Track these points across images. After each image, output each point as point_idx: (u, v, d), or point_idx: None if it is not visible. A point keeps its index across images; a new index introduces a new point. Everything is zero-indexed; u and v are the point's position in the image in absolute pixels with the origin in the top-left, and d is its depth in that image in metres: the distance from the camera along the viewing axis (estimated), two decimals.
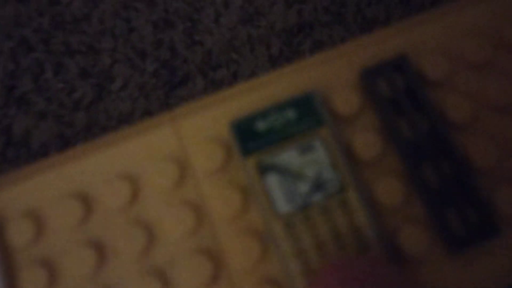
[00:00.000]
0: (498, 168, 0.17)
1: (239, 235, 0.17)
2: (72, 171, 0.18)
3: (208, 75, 0.22)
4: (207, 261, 0.17)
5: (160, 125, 0.18)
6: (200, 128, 0.18)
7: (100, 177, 0.18)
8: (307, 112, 0.18)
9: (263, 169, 0.17)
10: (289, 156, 0.17)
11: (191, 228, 0.17)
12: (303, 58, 0.22)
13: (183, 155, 0.18)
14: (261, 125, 0.18)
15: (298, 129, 0.18)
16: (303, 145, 0.17)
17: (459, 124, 0.18)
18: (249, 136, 0.17)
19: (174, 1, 0.23)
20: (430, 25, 0.20)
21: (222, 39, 0.22)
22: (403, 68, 0.18)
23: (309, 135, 0.17)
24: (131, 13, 0.23)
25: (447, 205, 0.17)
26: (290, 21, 0.22)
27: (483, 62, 0.19)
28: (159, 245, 0.17)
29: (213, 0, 0.24)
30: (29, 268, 0.17)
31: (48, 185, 0.18)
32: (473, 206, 0.17)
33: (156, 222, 0.17)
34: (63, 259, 0.17)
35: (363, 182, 0.17)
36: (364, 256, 0.16)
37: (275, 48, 0.22)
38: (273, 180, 0.17)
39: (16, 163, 0.20)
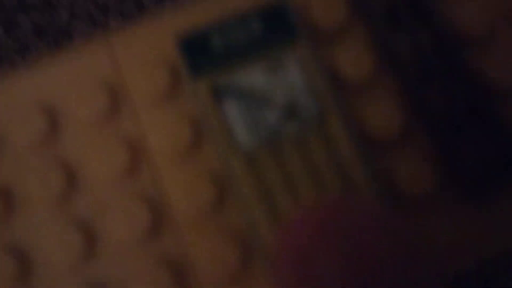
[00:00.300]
0: None
1: (187, 177, 0.13)
2: None
3: None
4: (144, 210, 0.13)
5: (92, 48, 0.15)
6: (140, 47, 0.14)
7: (15, 109, 0.14)
8: (277, 24, 0.14)
9: (219, 94, 0.13)
10: (253, 78, 0.13)
11: (125, 169, 0.13)
12: None
13: (118, 81, 0.14)
14: (217, 41, 0.14)
15: (265, 44, 0.14)
16: (272, 63, 0.13)
17: (472, 38, 0.14)
18: (201, 54, 0.13)
19: None
20: None
21: None
22: None
23: (280, 52, 0.13)
24: None
25: (458, 135, 0.13)
26: None
27: None
28: (83, 190, 0.13)
29: None
30: None
31: None
32: (491, 136, 0.13)
33: (80, 163, 0.13)
34: None
35: (349, 108, 0.13)
36: (351, 198, 0.12)
37: None
38: (232, 108, 0.13)
39: None
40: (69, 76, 0.14)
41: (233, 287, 0.13)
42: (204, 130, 0.14)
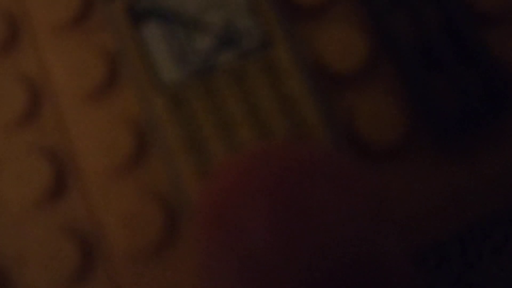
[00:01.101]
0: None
1: (98, 123, 0.10)
2: None
3: None
4: (44, 165, 0.10)
5: None
6: None
7: None
8: None
9: (138, 16, 0.10)
10: None
11: (22, 114, 0.10)
12: None
13: (15, 6, 0.11)
14: None
15: None
16: None
17: None
18: None
19: None
20: None
21: None
22: None
23: None
24: None
25: (431, 69, 0.11)
26: None
27: None
28: None
29: None
30: None
31: None
32: (470, 70, 0.11)
33: None
34: None
35: (300, 34, 0.11)
36: (296, 142, 0.09)
37: None
38: (154, 33, 0.10)
39: None
40: None
41: (155, 261, 0.10)
42: (120, 64, 0.11)
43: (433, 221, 0.10)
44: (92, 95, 0.11)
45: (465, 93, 0.10)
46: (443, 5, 0.11)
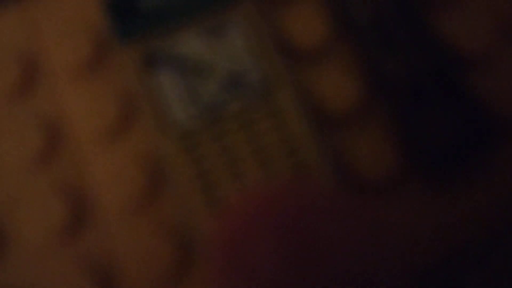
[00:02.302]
0: (494, 55, 0.12)
1: (114, 162, 0.11)
2: None
3: None
4: (63, 202, 0.11)
5: (6, 13, 0.12)
6: (59, 12, 0.12)
7: None
8: None
9: (152, 63, 0.11)
10: (190, 43, 0.11)
11: (40, 154, 0.11)
12: None
13: (33, 50, 0.12)
14: (148, 1, 0.12)
15: (204, 5, 0.12)
16: (212, 27, 0.12)
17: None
18: (130, 16, 0.12)
19: None
20: None
21: None
22: None
23: (221, 14, 0.12)
24: None
25: (421, 110, 0.11)
26: None
27: None
28: None
29: None
30: None
31: None
32: (456, 109, 0.12)
33: None
34: None
35: (300, 79, 0.12)
36: (299, 181, 0.10)
37: None
38: (166, 78, 0.11)
39: None
40: None
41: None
42: (134, 106, 0.12)
43: (423, 247, 0.11)
44: (108, 136, 0.11)
45: (451, 131, 0.11)
46: (431, 50, 0.12)
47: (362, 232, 0.09)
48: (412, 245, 0.11)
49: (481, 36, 0.12)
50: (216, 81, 0.11)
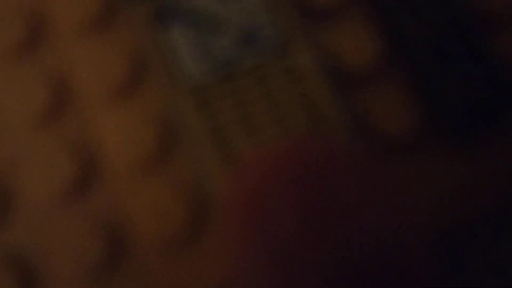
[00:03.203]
0: None
1: (124, 120, 0.11)
2: None
3: None
4: (70, 161, 0.10)
5: None
6: None
7: None
8: None
9: (163, 17, 0.11)
10: None
11: (46, 111, 0.11)
12: None
13: (39, 5, 0.12)
14: None
15: None
16: None
17: None
18: None
19: None
20: None
21: None
22: None
23: None
24: None
25: (441, 69, 0.11)
26: None
27: None
28: None
29: None
30: None
31: None
32: (480, 70, 0.11)
33: None
34: None
35: (318, 36, 0.11)
36: (318, 137, 0.10)
37: None
38: (178, 34, 0.11)
39: None
40: None
41: (183, 252, 0.10)
42: (145, 63, 0.11)
43: (445, 210, 0.11)
44: (118, 94, 0.11)
45: (473, 90, 0.11)
46: (451, 9, 0.12)
47: (385, 189, 0.09)
48: (435, 204, 0.10)
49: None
50: (230, 36, 0.11)
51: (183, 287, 0.10)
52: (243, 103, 0.10)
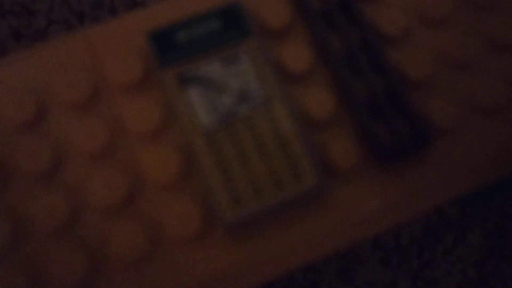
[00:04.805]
0: (430, 82, 0.17)
1: (159, 151, 0.16)
2: None
3: None
4: (122, 177, 0.15)
5: (72, 40, 0.17)
6: (115, 39, 0.17)
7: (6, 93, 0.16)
8: (232, 22, 0.16)
9: (184, 82, 0.16)
10: (212, 68, 0.16)
11: (105, 145, 0.16)
12: None
13: (97, 68, 0.16)
14: (181, 36, 0.16)
15: (222, 40, 0.16)
16: (227, 56, 0.16)
17: (391, 38, 0.17)
18: (168, 47, 0.16)
19: None
20: None
21: None
22: None
23: (234, 47, 0.16)
24: None
25: (377, 118, 0.16)
26: None
27: None
28: (68, 163, 0.16)
29: None
30: None
31: None
32: (403, 119, 0.16)
33: (66, 140, 0.16)
34: None
35: (291, 95, 0.16)
36: None
37: None
38: (194, 93, 0.16)
39: None
40: (51, 63, 0.16)
41: (199, 245, 0.15)
42: (171, 113, 0.16)
43: (375, 221, 0.16)
44: (154, 134, 0.16)
45: (398, 134, 0.16)
46: (385, 74, 0.16)
47: None
48: (367, 218, 0.15)
49: (423, 66, 0.17)
50: (230, 95, 0.16)
51: (200, 269, 0.15)
52: (239, 143, 0.15)
